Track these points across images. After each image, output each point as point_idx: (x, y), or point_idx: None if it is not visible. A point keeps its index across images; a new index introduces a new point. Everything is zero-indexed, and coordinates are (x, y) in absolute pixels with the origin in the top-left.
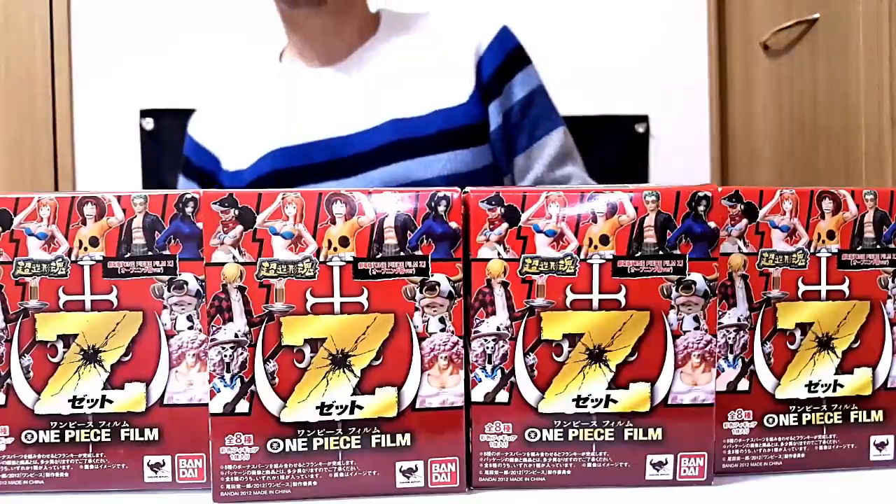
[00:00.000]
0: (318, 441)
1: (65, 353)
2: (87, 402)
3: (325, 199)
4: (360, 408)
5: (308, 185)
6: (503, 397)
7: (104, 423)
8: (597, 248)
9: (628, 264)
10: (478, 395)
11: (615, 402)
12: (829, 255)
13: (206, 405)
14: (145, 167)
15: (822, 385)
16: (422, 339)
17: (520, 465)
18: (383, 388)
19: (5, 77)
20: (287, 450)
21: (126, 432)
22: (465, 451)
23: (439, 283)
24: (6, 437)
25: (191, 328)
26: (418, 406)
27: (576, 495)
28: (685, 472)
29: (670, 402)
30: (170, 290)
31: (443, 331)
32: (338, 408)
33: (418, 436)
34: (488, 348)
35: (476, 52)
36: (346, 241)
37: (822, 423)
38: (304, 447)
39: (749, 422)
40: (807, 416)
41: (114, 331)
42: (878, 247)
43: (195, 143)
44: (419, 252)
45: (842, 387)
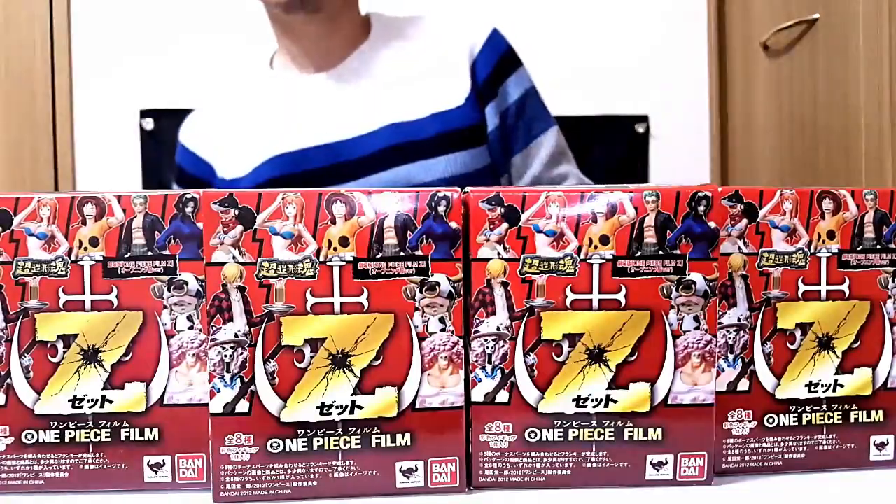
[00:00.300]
0: (318, 441)
1: (65, 353)
2: (87, 402)
3: (325, 199)
4: (360, 408)
5: None
6: (503, 397)
7: (104, 423)
8: (597, 248)
9: (628, 264)
10: (478, 395)
11: (615, 402)
12: (830, 255)
13: (206, 405)
14: (145, 167)
15: (823, 385)
16: (422, 339)
17: (520, 465)
18: (383, 388)
19: (5, 77)
20: (287, 450)
21: (126, 432)
22: (465, 451)
23: (439, 283)
24: (6, 437)
25: (191, 328)
26: (418, 406)
27: (576, 495)
28: (685, 472)
29: (670, 402)
30: (170, 290)
31: (443, 331)
32: (338, 408)
33: (418, 436)
34: (488, 348)
35: (470, 54)
36: (346, 241)
37: (823, 423)
38: (304, 447)
39: (749, 422)
40: (807, 416)
41: (114, 331)
42: (879, 247)
43: (188, 151)
44: (419, 252)
45: (842, 387)
